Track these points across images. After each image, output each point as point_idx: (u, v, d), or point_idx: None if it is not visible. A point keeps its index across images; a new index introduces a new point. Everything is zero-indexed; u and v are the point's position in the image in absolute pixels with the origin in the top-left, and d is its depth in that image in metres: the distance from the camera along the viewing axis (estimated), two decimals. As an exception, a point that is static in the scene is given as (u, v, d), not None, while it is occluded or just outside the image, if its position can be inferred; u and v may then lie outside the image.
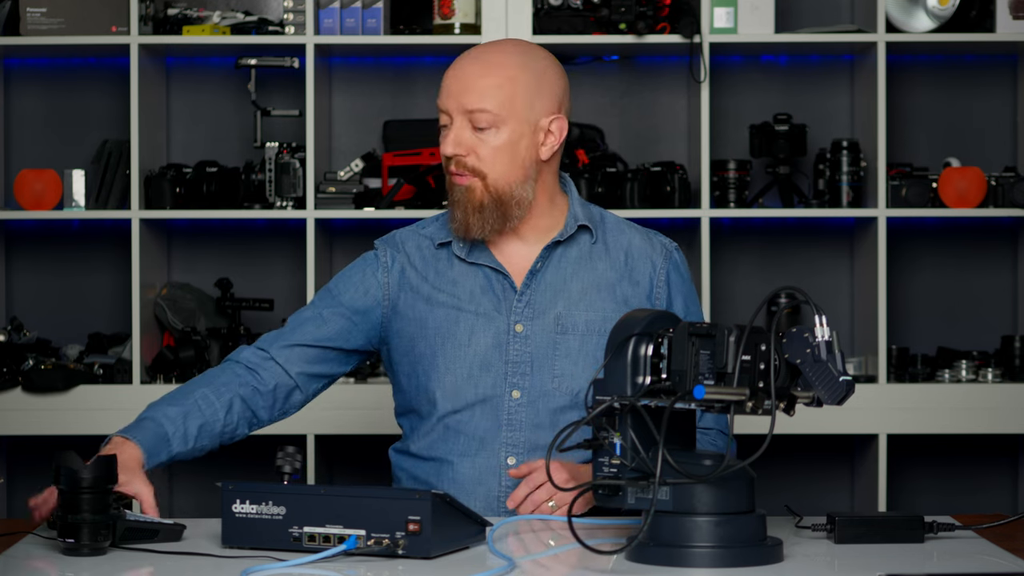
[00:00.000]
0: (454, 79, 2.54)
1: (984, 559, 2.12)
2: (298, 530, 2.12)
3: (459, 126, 2.53)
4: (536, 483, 2.42)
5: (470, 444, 2.55)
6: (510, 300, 2.58)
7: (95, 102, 4.39)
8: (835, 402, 2.02)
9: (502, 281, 2.59)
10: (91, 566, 2.09)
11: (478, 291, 2.58)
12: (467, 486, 2.54)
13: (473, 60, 2.55)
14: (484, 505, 2.52)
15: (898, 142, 4.35)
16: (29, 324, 4.19)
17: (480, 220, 2.54)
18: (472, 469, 2.55)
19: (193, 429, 2.50)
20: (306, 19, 4.06)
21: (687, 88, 4.29)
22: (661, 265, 2.64)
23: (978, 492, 4.40)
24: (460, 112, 2.52)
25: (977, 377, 4.12)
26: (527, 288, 2.58)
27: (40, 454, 4.17)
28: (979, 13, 4.12)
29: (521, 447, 2.54)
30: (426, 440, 2.59)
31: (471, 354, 2.55)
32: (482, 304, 2.57)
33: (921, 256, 4.41)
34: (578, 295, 2.59)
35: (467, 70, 2.54)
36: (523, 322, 2.56)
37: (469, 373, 2.54)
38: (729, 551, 2.03)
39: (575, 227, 2.61)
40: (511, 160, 2.54)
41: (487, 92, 2.51)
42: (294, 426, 3.94)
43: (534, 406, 2.55)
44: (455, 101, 2.53)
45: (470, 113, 2.52)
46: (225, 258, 4.39)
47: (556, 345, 2.56)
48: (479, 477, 2.54)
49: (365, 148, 4.34)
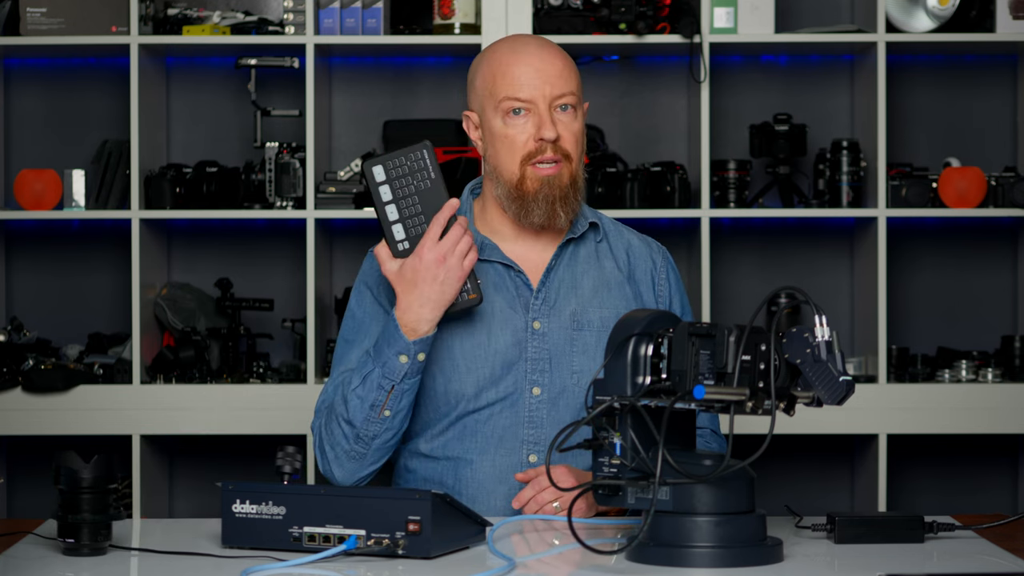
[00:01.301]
0: (528, 67, 2.54)
1: (984, 559, 2.12)
2: (298, 530, 2.12)
3: (546, 112, 2.53)
4: (541, 486, 2.42)
5: (489, 442, 2.54)
6: (525, 297, 2.58)
7: (95, 102, 4.39)
8: (835, 402, 2.02)
9: (515, 278, 2.59)
10: (91, 566, 2.09)
11: (491, 288, 2.58)
12: (488, 484, 2.54)
13: (539, 48, 2.57)
14: (505, 503, 2.52)
15: (898, 142, 4.35)
16: (29, 324, 4.19)
17: (565, 208, 2.56)
18: (493, 467, 2.54)
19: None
20: (306, 19, 4.06)
21: (687, 88, 4.29)
22: (661, 264, 2.67)
23: (978, 492, 4.40)
24: (544, 99, 2.53)
25: (977, 377, 4.12)
26: (543, 285, 2.58)
27: (40, 454, 4.18)
28: (979, 13, 4.12)
29: (543, 444, 2.54)
30: (440, 439, 2.57)
31: (492, 352, 2.54)
32: (495, 301, 2.57)
33: (921, 256, 4.41)
34: (590, 292, 2.60)
35: (542, 57, 2.55)
36: (540, 319, 2.56)
37: (492, 371, 2.53)
38: (729, 551, 2.03)
39: (586, 225, 2.63)
40: (583, 143, 2.60)
41: (566, 75, 2.55)
42: (294, 426, 3.94)
43: (554, 402, 2.55)
44: (540, 89, 2.53)
45: (558, 98, 2.53)
46: (225, 258, 4.39)
47: (573, 341, 2.56)
48: (500, 475, 2.54)
49: (365, 148, 4.34)
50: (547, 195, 2.54)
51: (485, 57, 2.60)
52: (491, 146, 2.57)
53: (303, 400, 3.96)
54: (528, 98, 2.53)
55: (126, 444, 4.03)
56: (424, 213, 2.41)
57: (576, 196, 2.57)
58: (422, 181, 2.39)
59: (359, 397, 2.46)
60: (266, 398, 4.04)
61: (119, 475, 2.18)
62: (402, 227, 2.41)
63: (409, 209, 2.41)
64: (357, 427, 2.47)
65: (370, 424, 2.47)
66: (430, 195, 2.40)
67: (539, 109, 2.53)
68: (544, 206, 2.54)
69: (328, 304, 4.26)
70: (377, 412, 2.46)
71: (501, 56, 2.57)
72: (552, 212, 2.55)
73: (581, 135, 2.58)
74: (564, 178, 2.54)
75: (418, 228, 2.41)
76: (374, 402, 2.46)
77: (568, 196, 2.55)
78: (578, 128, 2.56)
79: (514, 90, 2.53)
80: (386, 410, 2.46)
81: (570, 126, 2.55)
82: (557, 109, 2.54)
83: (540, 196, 2.54)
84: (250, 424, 4.03)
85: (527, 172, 2.54)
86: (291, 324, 4.22)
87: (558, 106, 2.54)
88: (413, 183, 2.39)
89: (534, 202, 2.54)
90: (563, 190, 2.54)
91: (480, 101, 2.58)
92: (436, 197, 2.40)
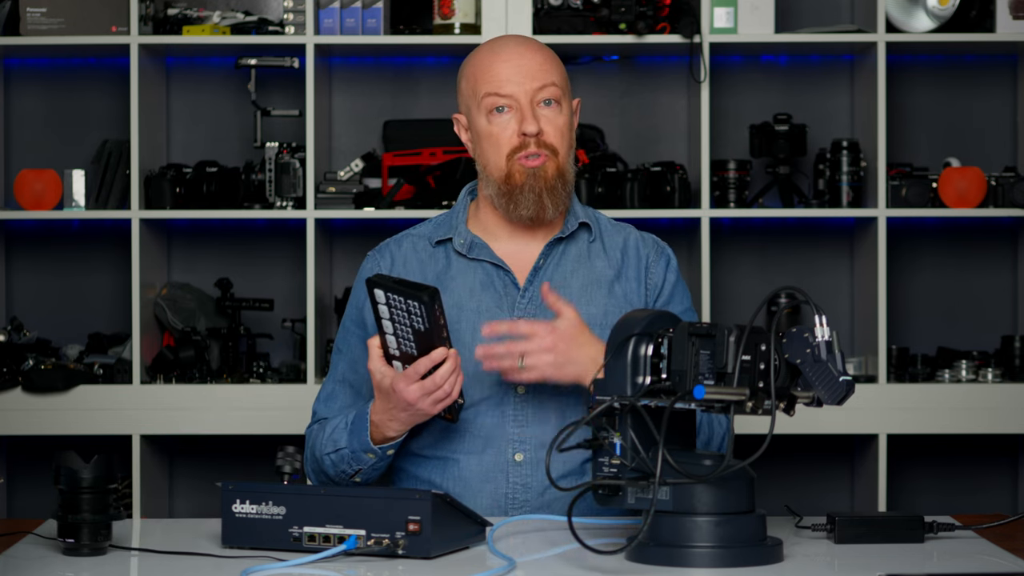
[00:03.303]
0: (507, 63, 2.57)
1: (984, 559, 2.12)
2: (298, 530, 2.12)
3: (528, 107, 2.55)
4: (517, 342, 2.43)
5: (475, 442, 2.54)
6: (512, 296, 2.58)
7: (95, 102, 4.38)
8: (835, 402, 2.02)
9: (503, 277, 2.59)
10: (91, 566, 2.09)
11: (478, 288, 2.59)
12: (474, 484, 2.54)
13: (519, 45, 2.60)
14: (491, 502, 2.52)
15: (898, 142, 4.35)
16: (29, 324, 4.19)
17: (553, 200, 2.57)
18: (479, 466, 2.54)
19: None
20: (306, 19, 4.06)
21: (687, 88, 4.29)
22: (656, 263, 2.66)
23: (978, 492, 4.40)
24: (526, 94, 2.55)
25: (977, 377, 4.12)
26: (531, 285, 2.59)
27: (40, 454, 4.18)
28: (979, 13, 4.12)
29: (529, 443, 2.54)
30: (428, 438, 2.58)
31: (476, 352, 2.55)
32: (483, 301, 2.57)
33: (921, 256, 4.41)
34: (578, 292, 2.60)
35: (522, 53, 2.58)
36: (526, 318, 2.56)
37: (476, 371, 2.54)
38: (729, 551, 2.03)
39: (576, 224, 2.63)
40: (570, 137, 2.61)
41: (548, 68, 2.57)
42: (294, 426, 3.94)
43: (540, 401, 2.55)
44: (520, 84, 2.55)
45: (540, 89, 2.55)
46: (225, 258, 4.39)
47: None
48: (486, 474, 2.54)
49: (365, 148, 4.34)
50: (532, 187, 2.55)
51: (469, 60, 2.64)
52: (478, 146, 2.61)
53: (303, 400, 3.95)
54: (508, 93, 2.55)
55: (126, 444, 4.03)
56: (416, 344, 2.37)
57: (564, 189, 2.58)
58: (420, 324, 2.35)
59: (332, 462, 2.54)
60: (266, 398, 4.04)
61: (119, 475, 2.18)
62: (395, 340, 2.39)
63: (403, 333, 2.37)
64: (333, 478, 2.57)
65: (344, 480, 2.56)
66: (425, 335, 2.36)
67: (521, 105, 2.55)
68: (531, 197, 2.56)
69: (328, 304, 4.26)
70: (348, 477, 2.55)
71: (482, 57, 2.60)
72: (540, 204, 2.56)
73: (567, 129, 2.59)
74: (550, 170, 2.56)
75: (410, 348, 2.38)
76: (346, 470, 2.54)
77: (555, 188, 2.57)
78: (563, 122, 2.58)
79: (494, 87, 2.56)
80: (357, 478, 2.55)
81: (554, 120, 2.56)
82: (540, 104, 2.56)
83: (526, 188, 2.56)
84: (250, 424, 4.03)
85: (514, 166, 2.56)
86: (291, 324, 4.22)
87: (541, 101, 2.56)
88: (409, 321, 2.36)
89: (521, 194, 2.56)
90: (549, 182, 2.56)
91: (466, 103, 2.62)
92: (431, 338, 2.35)
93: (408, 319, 2.35)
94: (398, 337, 2.38)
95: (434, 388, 2.38)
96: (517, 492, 2.52)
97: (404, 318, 2.35)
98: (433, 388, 2.38)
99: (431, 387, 2.38)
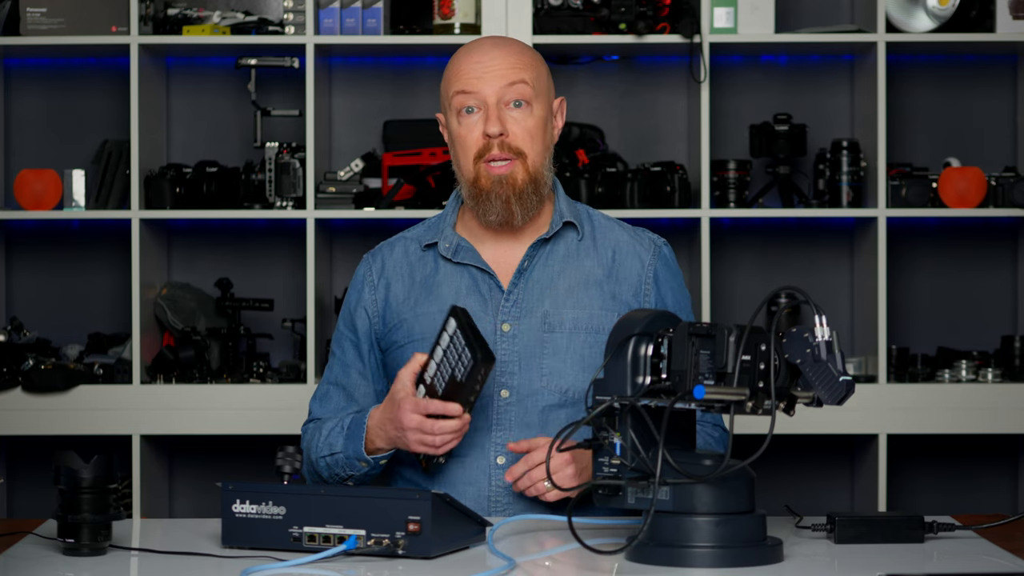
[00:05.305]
0: (477, 63, 2.54)
1: (984, 559, 2.12)
2: (298, 530, 2.12)
3: (494, 108, 2.52)
4: (535, 462, 2.43)
5: (459, 445, 2.53)
6: (496, 300, 2.57)
7: (95, 102, 4.39)
8: (835, 402, 2.02)
9: (488, 281, 2.58)
10: (91, 566, 2.09)
11: (464, 292, 2.58)
12: (458, 487, 2.53)
13: (491, 45, 2.57)
14: (474, 505, 2.51)
15: (898, 142, 4.35)
16: (29, 324, 4.19)
17: (521, 206, 2.54)
18: (462, 470, 2.54)
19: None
20: (306, 19, 4.06)
21: (687, 88, 4.29)
22: (649, 262, 2.63)
23: (978, 492, 4.40)
24: (494, 93, 2.52)
25: (977, 377, 4.12)
26: (514, 287, 2.58)
27: (40, 454, 4.17)
28: (979, 13, 4.12)
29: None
30: None
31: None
32: (468, 305, 2.56)
33: (921, 256, 4.41)
34: (565, 293, 2.58)
35: (490, 52, 2.55)
36: (510, 321, 2.56)
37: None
38: (729, 551, 2.03)
39: (560, 224, 2.61)
40: (543, 139, 2.56)
41: (520, 66, 2.54)
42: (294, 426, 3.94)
43: (523, 405, 2.54)
44: (488, 83, 2.52)
45: (509, 87, 2.52)
46: (225, 258, 4.39)
47: (543, 343, 2.55)
48: (469, 478, 2.53)
49: (365, 148, 4.34)
50: (499, 194, 2.53)
51: (449, 62, 2.61)
52: (452, 147, 2.60)
53: (303, 400, 3.95)
54: (473, 91, 2.53)
55: (126, 444, 4.03)
56: (446, 387, 2.40)
57: (536, 193, 2.55)
58: (460, 375, 2.37)
59: (327, 464, 2.55)
60: (266, 398, 4.04)
61: (119, 475, 2.18)
62: (435, 368, 2.42)
63: (444, 370, 2.41)
64: (327, 479, 2.58)
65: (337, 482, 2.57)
66: (458, 387, 2.39)
67: (488, 105, 2.53)
68: (498, 204, 2.54)
69: (328, 304, 4.26)
70: (341, 480, 2.56)
71: (458, 56, 2.59)
72: (508, 211, 2.54)
73: (539, 130, 2.55)
74: (518, 176, 2.53)
75: (439, 385, 2.41)
76: (340, 474, 2.55)
77: (524, 194, 2.54)
78: (533, 124, 2.54)
79: (461, 85, 2.54)
80: (350, 481, 2.56)
81: (522, 122, 2.53)
82: (509, 105, 2.53)
83: (493, 195, 2.53)
84: (250, 424, 4.03)
85: (480, 170, 2.54)
86: (291, 324, 4.22)
87: (510, 101, 2.53)
88: (454, 365, 2.39)
89: (488, 200, 2.54)
90: (517, 188, 2.53)
91: (443, 103, 2.61)
92: (460, 392, 2.38)
93: (455, 362, 2.38)
94: (439, 369, 2.41)
95: (429, 432, 2.40)
96: (499, 495, 2.52)
97: (453, 359, 2.38)
98: (428, 431, 2.40)
99: (428, 429, 2.40)
